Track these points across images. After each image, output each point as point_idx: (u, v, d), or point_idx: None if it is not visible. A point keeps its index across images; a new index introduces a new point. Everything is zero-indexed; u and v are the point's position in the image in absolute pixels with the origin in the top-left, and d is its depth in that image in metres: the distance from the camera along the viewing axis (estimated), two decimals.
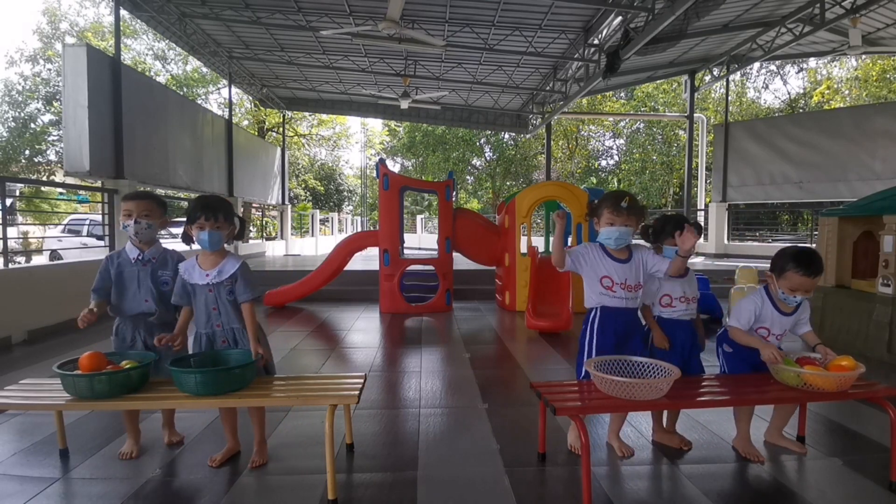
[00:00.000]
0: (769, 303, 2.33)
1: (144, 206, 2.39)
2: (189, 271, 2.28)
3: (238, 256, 2.36)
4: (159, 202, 2.48)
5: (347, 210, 34.03)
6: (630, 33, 7.81)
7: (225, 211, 2.26)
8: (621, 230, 2.23)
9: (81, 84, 6.49)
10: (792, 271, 2.19)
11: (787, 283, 2.22)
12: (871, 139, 10.07)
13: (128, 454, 2.36)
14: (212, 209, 2.22)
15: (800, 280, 2.18)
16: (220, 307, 2.28)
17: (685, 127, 13.64)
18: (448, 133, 26.76)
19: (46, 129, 22.40)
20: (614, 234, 2.24)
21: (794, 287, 2.21)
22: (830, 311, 4.66)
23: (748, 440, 2.40)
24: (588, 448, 1.88)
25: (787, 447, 2.44)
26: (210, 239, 2.21)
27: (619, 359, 2.23)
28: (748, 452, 2.36)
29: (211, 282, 2.25)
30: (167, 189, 9.49)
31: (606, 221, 2.26)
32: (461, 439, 2.62)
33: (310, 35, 9.55)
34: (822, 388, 2.10)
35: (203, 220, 2.20)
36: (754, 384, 2.25)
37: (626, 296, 2.27)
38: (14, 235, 14.01)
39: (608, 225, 2.26)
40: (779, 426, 2.50)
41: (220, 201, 2.29)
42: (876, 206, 4.39)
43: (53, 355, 4.25)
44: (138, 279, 2.38)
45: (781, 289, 2.25)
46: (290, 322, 5.73)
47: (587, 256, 2.30)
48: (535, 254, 6.28)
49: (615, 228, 2.24)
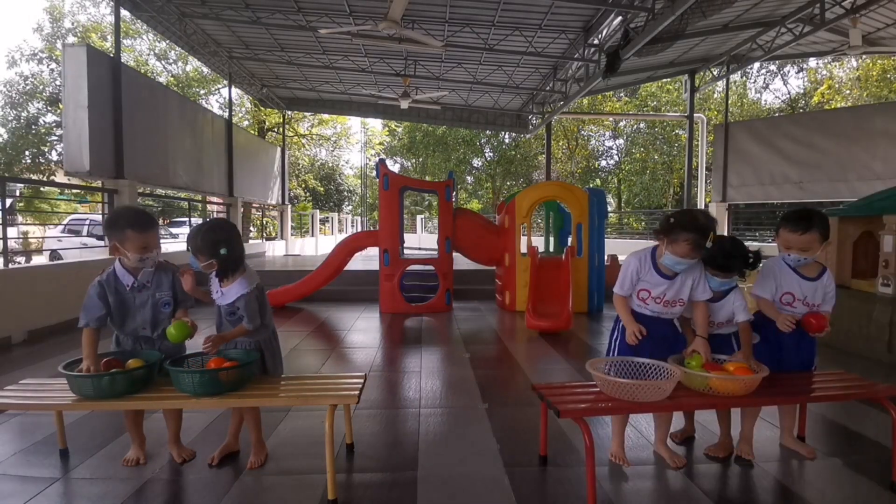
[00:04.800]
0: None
1: (158, 237, 2.27)
2: (213, 282, 2.29)
3: (252, 279, 2.26)
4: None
5: (347, 210, 34.03)
6: (630, 33, 7.80)
7: (195, 244, 2.17)
8: (688, 262, 2.17)
9: (81, 84, 6.48)
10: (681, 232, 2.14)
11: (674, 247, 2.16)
12: (871, 139, 10.06)
13: (133, 461, 2.30)
14: (189, 237, 2.22)
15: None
16: (223, 325, 2.32)
17: (685, 127, 13.64)
18: (448, 133, 26.77)
19: (50, 130, 22.39)
20: (682, 266, 2.18)
21: (683, 253, 2.14)
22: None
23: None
24: (592, 450, 1.88)
25: (799, 451, 2.42)
26: (191, 262, 2.23)
27: (624, 360, 2.23)
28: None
29: (217, 301, 2.29)
30: (167, 189, 9.50)
31: (682, 252, 2.14)
32: (461, 439, 2.61)
33: (310, 35, 9.55)
34: (728, 393, 2.05)
35: (188, 243, 2.22)
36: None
37: (659, 310, 2.28)
38: (14, 235, 14.02)
39: (680, 255, 2.15)
40: (788, 427, 2.48)
41: (195, 233, 2.20)
42: (876, 206, 4.39)
43: (53, 355, 4.26)
44: (134, 307, 2.25)
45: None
46: (290, 322, 5.73)
47: (640, 276, 2.29)
48: (535, 254, 6.28)
49: (684, 261, 2.16)
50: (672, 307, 2.27)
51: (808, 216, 2.20)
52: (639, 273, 2.28)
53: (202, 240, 2.16)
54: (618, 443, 2.38)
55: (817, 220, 2.19)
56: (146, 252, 2.18)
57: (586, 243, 6.35)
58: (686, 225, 2.12)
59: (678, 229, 2.13)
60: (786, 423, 2.49)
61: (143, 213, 2.26)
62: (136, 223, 2.17)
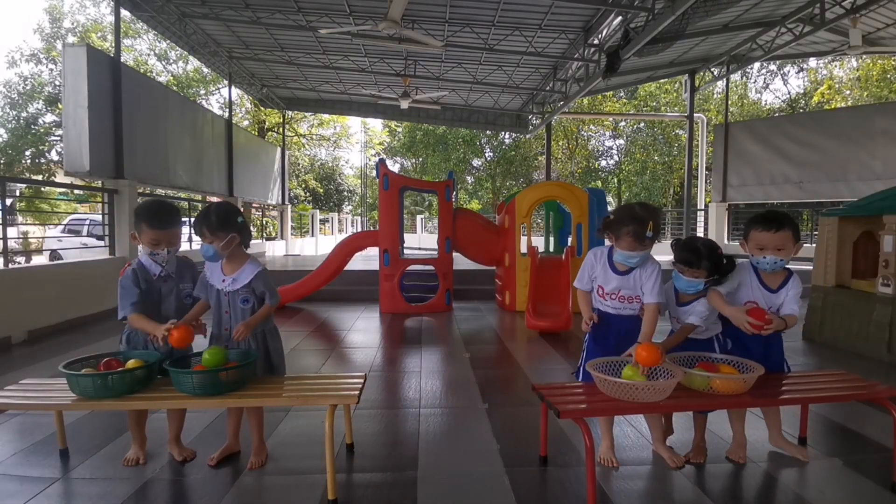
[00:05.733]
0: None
1: (172, 235, 2.25)
2: (212, 270, 2.30)
3: (258, 262, 2.32)
4: (181, 222, 2.34)
5: (347, 210, 34.03)
6: (630, 33, 7.80)
7: (209, 224, 2.18)
8: (637, 254, 2.18)
9: (81, 84, 6.48)
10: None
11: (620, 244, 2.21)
12: (871, 139, 10.06)
13: (133, 461, 2.30)
14: (197, 224, 2.22)
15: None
16: (232, 313, 2.29)
17: (685, 127, 13.64)
18: (448, 133, 26.78)
19: (50, 130, 22.39)
20: (633, 260, 2.20)
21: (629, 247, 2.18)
22: (830, 311, 4.66)
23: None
24: (592, 450, 1.87)
25: (791, 452, 2.38)
26: (204, 251, 2.24)
27: (623, 360, 2.22)
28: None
29: (226, 288, 2.27)
30: (167, 189, 9.49)
31: (626, 245, 2.17)
32: (461, 439, 2.62)
33: (310, 35, 9.55)
34: (730, 393, 2.04)
35: (197, 233, 2.22)
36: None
37: (618, 306, 2.30)
38: (14, 235, 14.01)
39: (626, 249, 2.18)
40: (775, 426, 2.45)
41: (205, 215, 2.21)
42: (876, 206, 4.39)
43: (53, 355, 4.26)
44: (161, 296, 2.30)
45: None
46: (291, 322, 5.73)
47: (595, 270, 2.35)
48: (535, 254, 6.28)
49: (633, 253, 2.18)
50: (630, 303, 2.30)
51: (779, 215, 2.19)
52: (594, 267, 2.35)
53: (217, 217, 2.19)
54: (606, 445, 2.36)
55: (788, 220, 2.18)
56: (157, 248, 2.21)
57: (586, 243, 6.35)
58: (624, 219, 2.17)
59: (618, 224, 2.18)
60: (772, 422, 2.45)
61: (161, 211, 2.24)
62: (150, 219, 2.20)
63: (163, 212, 2.24)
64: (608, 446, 2.35)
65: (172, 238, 2.25)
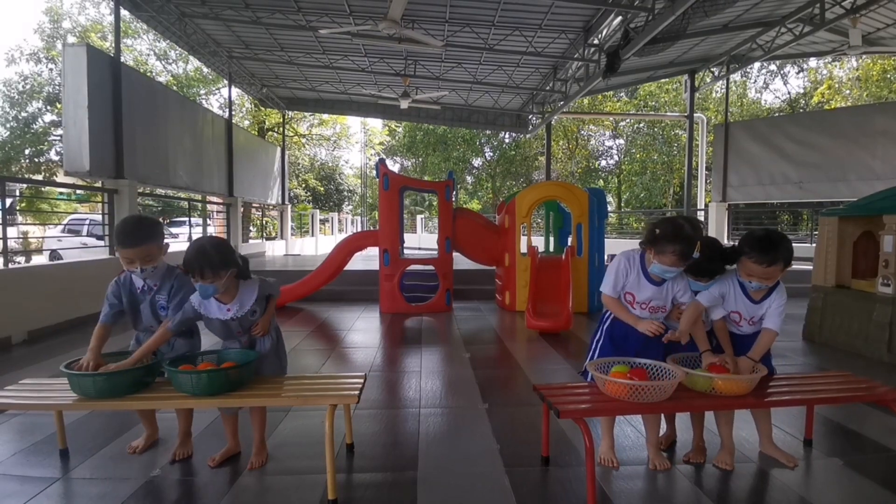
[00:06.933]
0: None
1: (144, 252, 2.18)
2: (206, 307, 2.21)
3: (254, 280, 2.29)
4: (157, 237, 2.25)
5: (347, 210, 34.01)
6: (630, 33, 7.80)
7: (212, 265, 2.07)
8: (677, 270, 2.14)
9: (81, 84, 6.47)
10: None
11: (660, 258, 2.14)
12: (871, 139, 10.06)
13: (136, 448, 2.40)
14: (197, 267, 2.07)
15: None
16: (243, 331, 2.30)
17: (685, 127, 13.64)
18: (448, 133, 26.76)
19: (48, 130, 22.37)
20: (671, 273, 2.15)
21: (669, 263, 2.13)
22: (830, 311, 4.66)
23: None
24: (592, 450, 1.87)
25: (779, 459, 2.34)
26: (203, 291, 2.13)
27: (622, 361, 2.22)
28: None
29: (233, 316, 2.23)
30: (167, 189, 9.49)
31: (669, 262, 2.10)
32: (461, 439, 2.61)
33: (310, 35, 9.55)
34: (732, 393, 2.05)
35: (196, 275, 2.10)
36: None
37: (644, 315, 2.25)
38: (14, 235, 14.01)
39: (667, 265, 2.11)
40: (766, 433, 2.41)
41: (202, 255, 2.07)
42: (876, 206, 4.39)
43: (53, 355, 4.26)
44: (142, 307, 2.32)
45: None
46: (291, 322, 5.73)
47: (628, 278, 2.27)
48: (535, 254, 6.28)
49: (673, 269, 2.12)
50: (655, 313, 2.26)
51: (774, 247, 2.10)
52: (627, 273, 2.25)
53: (217, 254, 2.10)
54: (607, 445, 2.35)
55: (783, 251, 2.11)
56: (132, 266, 2.20)
57: (586, 243, 6.35)
58: (671, 237, 2.08)
59: (663, 241, 2.09)
60: (763, 428, 2.41)
61: (127, 230, 2.19)
62: (119, 239, 2.19)
63: (129, 230, 2.18)
64: (608, 446, 2.35)
65: (145, 255, 2.18)
